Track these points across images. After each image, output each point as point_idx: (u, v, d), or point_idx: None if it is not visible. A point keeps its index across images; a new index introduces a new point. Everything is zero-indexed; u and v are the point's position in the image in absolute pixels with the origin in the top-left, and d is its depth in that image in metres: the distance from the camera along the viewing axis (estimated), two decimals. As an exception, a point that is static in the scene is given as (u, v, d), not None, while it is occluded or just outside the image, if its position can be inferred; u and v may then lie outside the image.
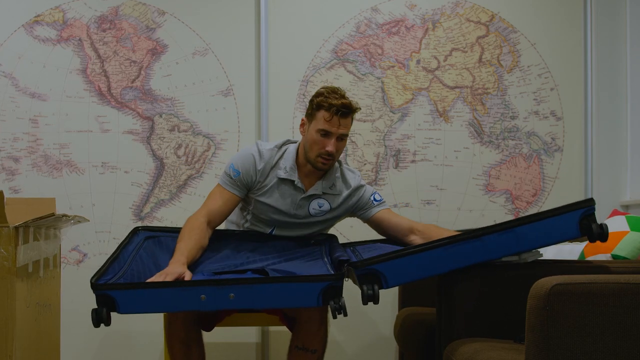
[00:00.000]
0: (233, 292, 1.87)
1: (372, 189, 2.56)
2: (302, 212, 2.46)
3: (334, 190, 2.48)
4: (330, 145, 2.35)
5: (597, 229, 2.00)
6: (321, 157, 2.38)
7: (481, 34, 3.34)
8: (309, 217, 2.48)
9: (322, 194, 2.46)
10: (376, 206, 2.52)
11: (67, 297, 2.89)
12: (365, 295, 1.91)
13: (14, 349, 2.02)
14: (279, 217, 2.46)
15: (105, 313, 1.87)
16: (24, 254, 2.11)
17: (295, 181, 2.43)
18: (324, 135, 2.36)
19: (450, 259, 1.99)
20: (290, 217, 2.46)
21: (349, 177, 2.52)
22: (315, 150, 2.38)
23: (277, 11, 3.28)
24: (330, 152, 2.35)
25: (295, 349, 2.22)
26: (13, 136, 3.17)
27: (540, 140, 3.34)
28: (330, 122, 2.34)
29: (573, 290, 1.55)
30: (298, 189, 2.44)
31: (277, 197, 2.44)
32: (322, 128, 2.35)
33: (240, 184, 2.41)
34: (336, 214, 2.52)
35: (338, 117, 2.33)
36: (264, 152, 2.43)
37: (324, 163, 2.39)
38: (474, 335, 2.03)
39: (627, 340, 1.54)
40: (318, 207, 2.46)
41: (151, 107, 3.23)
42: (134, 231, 2.42)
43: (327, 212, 2.48)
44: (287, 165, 2.43)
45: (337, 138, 2.36)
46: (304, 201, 2.45)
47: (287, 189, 2.44)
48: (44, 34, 3.19)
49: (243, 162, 2.41)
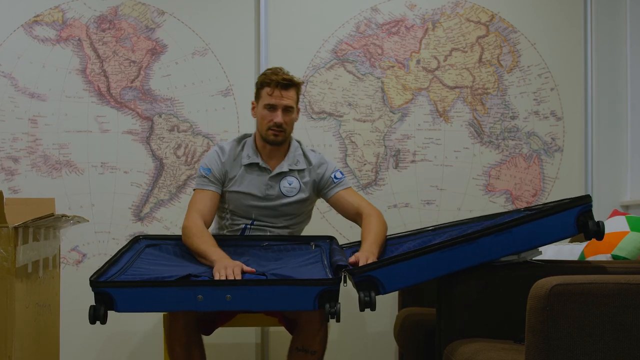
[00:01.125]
0: (230, 294, 1.88)
1: (334, 166, 2.64)
2: (274, 192, 2.55)
3: (299, 166, 2.58)
4: (277, 117, 2.49)
5: (594, 227, 2.00)
6: (271, 129, 2.51)
7: (481, 34, 3.34)
8: (283, 198, 2.55)
9: (288, 170, 2.57)
10: (336, 185, 2.60)
11: (67, 297, 2.88)
12: (362, 302, 1.91)
13: (13, 350, 2.01)
14: (254, 202, 2.54)
15: (102, 311, 1.88)
16: (23, 254, 2.10)
17: (260, 162, 2.55)
18: (270, 108, 2.51)
19: (447, 263, 1.98)
20: (264, 200, 2.54)
21: (311, 155, 2.63)
22: (265, 125, 2.52)
23: (277, 11, 3.28)
24: (278, 123, 2.50)
25: (295, 350, 2.23)
26: (12, 136, 3.16)
27: (540, 141, 3.34)
28: (272, 95, 2.49)
29: (573, 291, 1.55)
30: (264, 170, 2.56)
31: (247, 183, 2.55)
32: (267, 103, 2.51)
33: (214, 179, 2.53)
34: (307, 193, 2.59)
35: (279, 89, 2.49)
36: (224, 146, 2.60)
37: (275, 135, 2.52)
38: (473, 336, 2.03)
39: (628, 340, 1.54)
40: (289, 185, 2.56)
41: (151, 107, 3.22)
42: (135, 239, 2.43)
43: (299, 190, 2.56)
44: (248, 152, 2.57)
45: (283, 110, 2.50)
46: (273, 181, 2.55)
47: (255, 173, 2.56)
48: (43, 34, 3.19)
49: (209, 160, 2.56)
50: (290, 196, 2.56)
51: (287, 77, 2.51)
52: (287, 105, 2.51)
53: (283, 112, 2.50)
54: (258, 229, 2.57)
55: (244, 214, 2.57)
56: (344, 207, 2.58)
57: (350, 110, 3.29)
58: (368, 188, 3.29)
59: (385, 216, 3.23)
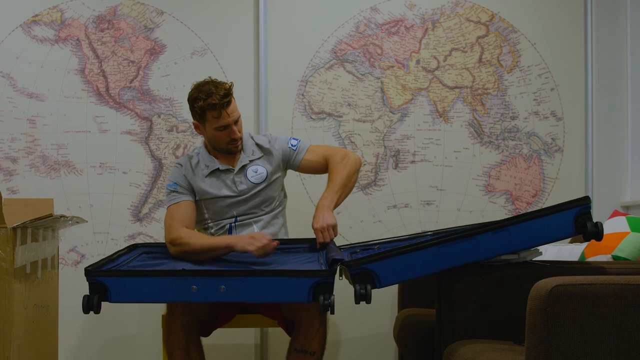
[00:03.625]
0: (224, 284, 1.90)
1: (286, 137, 2.66)
2: (245, 185, 2.55)
3: (257, 154, 2.60)
4: (233, 133, 2.49)
5: (592, 228, 1.99)
6: (230, 144, 2.52)
7: (481, 33, 3.33)
8: (256, 186, 2.56)
9: (249, 162, 2.57)
10: (297, 153, 2.63)
11: (65, 298, 2.88)
12: (358, 295, 1.92)
13: (11, 351, 2.01)
14: (231, 201, 2.54)
15: (96, 300, 1.90)
16: (22, 255, 2.10)
17: (220, 166, 2.55)
18: (222, 129, 2.48)
19: (444, 258, 1.98)
20: (239, 195, 2.54)
21: (261, 140, 2.63)
22: (223, 143, 2.52)
23: (276, 11, 3.28)
24: (235, 138, 2.51)
25: (294, 351, 2.23)
26: (11, 136, 3.16)
27: (540, 141, 3.33)
28: (220, 117, 2.45)
29: (573, 292, 1.54)
30: (227, 171, 2.56)
31: (216, 188, 2.54)
32: (217, 126, 2.47)
33: (183, 190, 2.54)
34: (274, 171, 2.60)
35: (224, 109, 2.44)
36: (181, 160, 2.60)
37: (236, 146, 2.54)
38: (473, 337, 2.03)
39: (628, 341, 1.54)
40: (255, 173, 2.57)
41: (149, 108, 3.22)
42: (133, 247, 2.44)
43: (267, 173, 2.57)
44: (205, 162, 2.56)
45: (235, 123, 2.49)
46: (239, 177, 2.55)
47: (219, 177, 2.55)
48: (41, 33, 3.18)
49: (173, 176, 2.58)
50: (262, 182, 2.56)
51: (223, 91, 2.42)
52: (235, 119, 2.49)
53: (235, 125, 2.49)
54: (242, 224, 2.56)
55: (224, 215, 2.56)
56: (313, 167, 2.64)
57: (349, 111, 3.28)
58: (367, 188, 3.28)
59: (385, 217, 3.27)
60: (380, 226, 3.28)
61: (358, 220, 3.27)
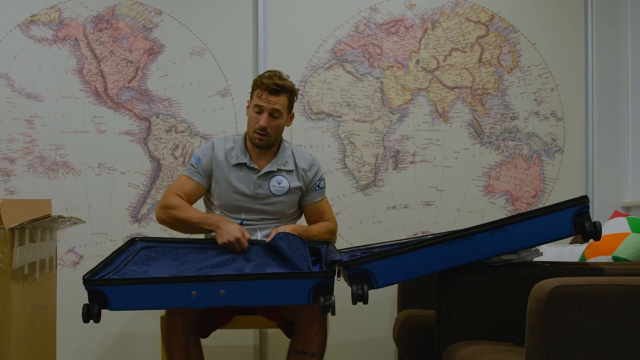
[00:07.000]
0: (223, 289, 1.90)
1: (322, 172, 2.66)
2: (263, 191, 2.54)
3: (288, 167, 2.58)
4: (262, 120, 2.48)
5: (591, 227, 1.99)
6: (257, 132, 2.51)
7: (481, 33, 3.33)
8: (272, 197, 2.55)
9: (276, 170, 2.56)
10: (317, 194, 2.63)
11: (64, 299, 2.87)
12: (355, 295, 1.92)
13: (9, 352, 2.00)
14: (243, 200, 2.54)
15: (96, 309, 1.90)
16: (19, 256, 2.09)
17: (247, 162, 2.55)
18: (257, 111, 2.50)
19: (441, 258, 1.98)
20: (253, 199, 2.54)
21: (301, 154, 2.64)
22: (252, 127, 2.52)
23: (275, 11, 3.27)
24: (262, 127, 2.49)
25: (294, 352, 2.22)
26: (9, 137, 3.15)
27: (540, 141, 3.33)
28: (261, 97, 2.49)
29: (574, 293, 1.54)
30: (252, 170, 2.55)
31: (235, 180, 2.55)
32: (255, 104, 2.51)
33: (202, 170, 2.56)
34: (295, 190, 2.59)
35: (268, 93, 2.48)
36: (217, 140, 2.61)
37: (260, 139, 2.51)
38: (473, 338, 2.02)
39: (628, 342, 1.53)
40: (278, 184, 2.56)
41: (148, 108, 3.21)
42: (131, 241, 2.43)
43: (288, 190, 2.57)
44: (237, 152, 2.57)
45: (269, 114, 2.49)
46: (262, 180, 2.55)
47: (243, 172, 2.55)
48: (40, 33, 3.18)
49: (202, 151, 2.59)
50: (280, 195, 2.56)
51: (280, 82, 2.49)
52: (274, 109, 2.49)
53: (269, 116, 2.48)
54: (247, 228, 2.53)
55: (232, 214, 2.55)
56: (309, 214, 2.66)
57: (349, 111, 3.27)
58: (367, 189, 3.27)
59: (385, 217, 3.27)
60: (379, 227, 3.27)
61: (357, 221, 3.26)
